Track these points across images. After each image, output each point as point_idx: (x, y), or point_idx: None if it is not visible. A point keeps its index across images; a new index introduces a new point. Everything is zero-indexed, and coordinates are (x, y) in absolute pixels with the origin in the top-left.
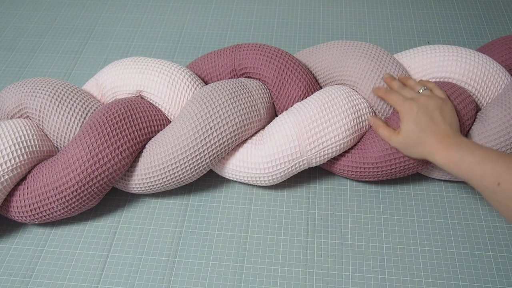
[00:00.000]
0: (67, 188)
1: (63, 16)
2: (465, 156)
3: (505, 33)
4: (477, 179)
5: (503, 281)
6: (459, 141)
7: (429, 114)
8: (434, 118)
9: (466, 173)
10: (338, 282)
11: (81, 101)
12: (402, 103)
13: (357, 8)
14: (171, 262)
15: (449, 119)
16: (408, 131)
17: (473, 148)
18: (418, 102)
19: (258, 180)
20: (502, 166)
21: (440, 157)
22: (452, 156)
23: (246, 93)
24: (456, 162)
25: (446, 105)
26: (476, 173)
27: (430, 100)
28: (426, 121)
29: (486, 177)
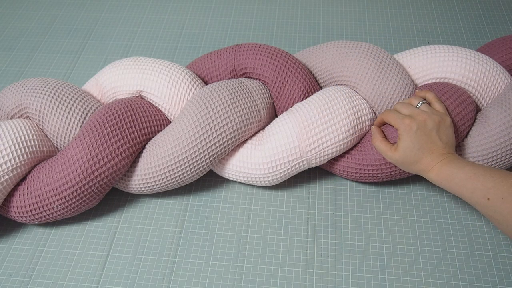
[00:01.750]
0: (67, 188)
1: (63, 16)
2: (455, 172)
3: (505, 33)
4: (468, 195)
5: (503, 281)
6: (451, 158)
7: (427, 133)
8: (432, 137)
9: (457, 189)
10: (338, 282)
11: (81, 101)
12: (401, 121)
13: (357, 8)
14: (171, 262)
15: (446, 137)
16: (405, 150)
17: (463, 164)
18: (416, 120)
19: (258, 180)
20: (490, 181)
21: (433, 175)
22: (444, 173)
23: (246, 93)
24: (447, 178)
25: (444, 123)
26: (466, 188)
27: (428, 118)
28: (424, 140)
29: (476, 193)
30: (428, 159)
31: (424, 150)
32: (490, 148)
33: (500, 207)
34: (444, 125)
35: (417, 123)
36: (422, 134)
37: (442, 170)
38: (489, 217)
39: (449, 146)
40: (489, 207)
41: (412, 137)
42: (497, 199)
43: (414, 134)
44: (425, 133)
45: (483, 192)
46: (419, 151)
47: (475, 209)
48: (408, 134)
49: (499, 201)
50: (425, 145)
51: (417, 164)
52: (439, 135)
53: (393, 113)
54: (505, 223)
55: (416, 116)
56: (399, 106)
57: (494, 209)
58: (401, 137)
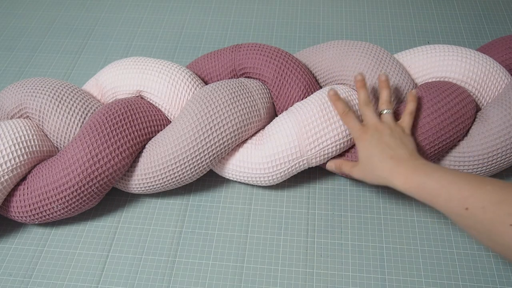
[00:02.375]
0: (67, 188)
1: (63, 16)
2: (426, 181)
3: (505, 33)
4: (443, 205)
5: (503, 281)
6: (416, 164)
7: (382, 140)
8: (388, 143)
9: (430, 199)
10: (338, 282)
11: (81, 101)
12: (356, 131)
13: (357, 8)
14: (171, 262)
15: (404, 143)
16: (362, 159)
17: (433, 171)
18: (371, 130)
19: (258, 180)
20: (467, 189)
21: (399, 182)
22: (412, 182)
23: (246, 93)
24: (417, 187)
25: (402, 133)
26: (441, 198)
27: (383, 127)
28: (379, 147)
29: (452, 202)
30: (388, 165)
31: (381, 156)
32: (490, 148)
33: (481, 217)
34: (401, 132)
35: (371, 133)
36: (377, 142)
37: (409, 178)
38: (468, 227)
39: (409, 152)
40: (468, 218)
41: (366, 146)
42: (477, 208)
43: (369, 143)
44: (381, 141)
45: (460, 201)
46: (375, 157)
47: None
48: (363, 143)
49: (479, 210)
50: (381, 152)
51: (378, 172)
52: (396, 142)
53: (352, 120)
54: (487, 233)
55: (372, 126)
56: (362, 110)
57: (474, 220)
58: (358, 148)
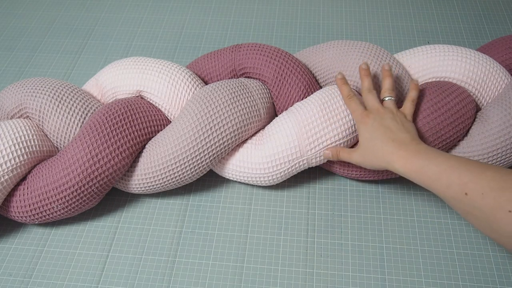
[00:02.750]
0: (67, 188)
1: (63, 16)
2: (426, 165)
3: (505, 33)
4: (442, 189)
5: (503, 281)
6: (418, 148)
7: (384, 124)
8: (390, 127)
9: (429, 183)
10: (338, 282)
11: (81, 101)
12: (359, 114)
13: (357, 8)
14: (171, 262)
15: (405, 128)
16: (363, 142)
17: (435, 156)
18: (373, 114)
19: (258, 180)
20: (467, 175)
21: (399, 165)
22: (413, 165)
23: (246, 93)
24: (418, 171)
25: (401, 117)
26: (441, 182)
27: (385, 112)
28: (381, 130)
29: (452, 187)
30: (390, 148)
31: (383, 139)
32: (490, 147)
33: (480, 203)
34: (403, 118)
35: (373, 116)
36: (379, 125)
37: (409, 161)
38: (465, 212)
39: (411, 136)
40: (467, 203)
41: (368, 129)
42: (476, 194)
43: (370, 126)
44: (382, 124)
45: (460, 187)
46: (377, 140)
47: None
48: (364, 126)
49: (478, 196)
50: (382, 135)
51: (379, 155)
52: (398, 126)
53: (354, 103)
54: (485, 219)
55: (374, 110)
56: (365, 96)
57: (473, 205)
58: (359, 131)
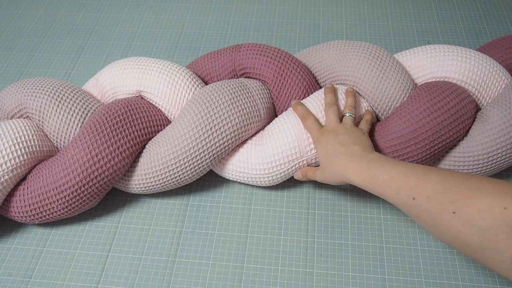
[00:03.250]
0: (67, 188)
1: (63, 16)
2: (377, 174)
3: (505, 33)
4: (392, 196)
5: (503, 281)
6: (369, 158)
7: (337, 140)
8: (343, 142)
9: (381, 190)
10: (338, 282)
11: (81, 101)
12: (314, 133)
13: (357, 8)
14: (171, 262)
15: (357, 140)
16: (321, 160)
17: (384, 164)
18: (327, 132)
19: (258, 180)
20: (414, 180)
21: (353, 177)
22: (365, 175)
23: (246, 93)
24: (369, 180)
25: (354, 130)
26: (390, 189)
27: (340, 128)
28: (335, 146)
29: (400, 193)
30: (343, 162)
31: (337, 154)
32: (490, 147)
33: (426, 206)
34: (357, 132)
35: (327, 134)
36: (333, 142)
37: (362, 172)
38: (416, 217)
39: (364, 147)
40: (415, 207)
41: (323, 146)
42: (423, 198)
43: (325, 144)
44: (336, 140)
45: (407, 192)
46: (333, 156)
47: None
48: (319, 143)
49: (424, 200)
50: (337, 149)
51: (336, 170)
52: (351, 139)
53: (309, 122)
54: (432, 222)
55: (330, 127)
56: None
57: (420, 209)
58: (316, 149)
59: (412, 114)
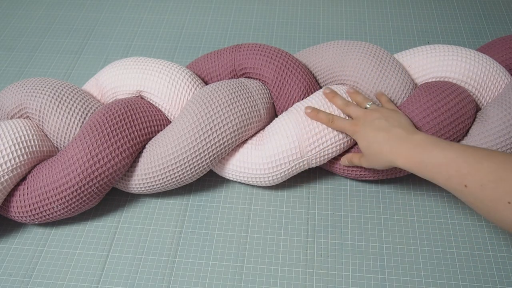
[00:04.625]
0: (67, 188)
1: (63, 16)
2: (425, 159)
3: (505, 33)
4: (443, 181)
5: (503, 281)
6: (414, 141)
7: (374, 126)
8: (381, 127)
9: (431, 176)
10: (338, 282)
11: (81, 101)
12: (348, 128)
13: (357, 8)
14: (171, 262)
15: (396, 121)
16: (363, 149)
17: (432, 147)
18: (360, 120)
19: (258, 180)
20: (465, 167)
21: (401, 161)
22: (412, 161)
23: (246, 93)
24: (418, 165)
25: (389, 111)
26: (441, 175)
27: (371, 114)
28: (374, 133)
29: (452, 180)
30: (387, 148)
31: (379, 141)
32: (490, 147)
33: (480, 194)
34: (391, 112)
35: (362, 122)
36: (370, 130)
37: (408, 157)
38: (470, 203)
39: (404, 129)
40: (468, 194)
41: (362, 136)
42: (476, 186)
43: (363, 133)
44: (373, 127)
45: (459, 179)
46: (376, 143)
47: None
48: (358, 135)
49: (477, 188)
50: (377, 137)
51: (381, 157)
52: (389, 122)
53: (339, 122)
54: (487, 209)
55: (360, 116)
56: (346, 111)
57: (474, 196)
58: (357, 141)
59: (412, 114)
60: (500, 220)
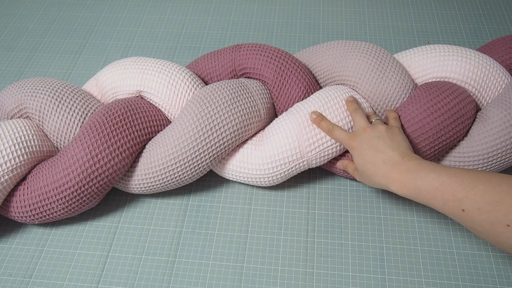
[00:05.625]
0: (67, 188)
1: (63, 16)
2: (420, 185)
3: (505, 33)
4: (440, 206)
5: (503, 281)
6: (408, 167)
7: (372, 145)
8: (378, 147)
9: (427, 201)
10: (338, 282)
11: (81, 101)
12: (346, 141)
13: (357, 8)
14: (171, 262)
15: (395, 143)
16: (358, 166)
17: (426, 172)
18: (359, 136)
19: (258, 181)
20: (460, 191)
21: (396, 187)
22: (407, 187)
23: (246, 93)
24: (413, 191)
25: (391, 130)
26: (436, 200)
27: (372, 130)
28: (370, 153)
29: (448, 204)
30: (382, 171)
31: (375, 162)
32: (490, 148)
33: (478, 218)
34: (392, 132)
35: (360, 138)
36: (368, 147)
37: (403, 183)
38: (469, 227)
39: (402, 152)
40: (466, 219)
41: (359, 153)
42: (473, 210)
43: (359, 149)
44: (371, 146)
45: (455, 203)
46: (370, 164)
47: None
48: (355, 151)
49: (475, 212)
50: (374, 157)
51: (374, 178)
52: (387, 143)
53: (338, 131)
54: (486, 233)
55: (360, 130)
56: (352, 116)
57: (471, 220)
58: (352, 156)
59: (412, 115)
60: (501, 243)
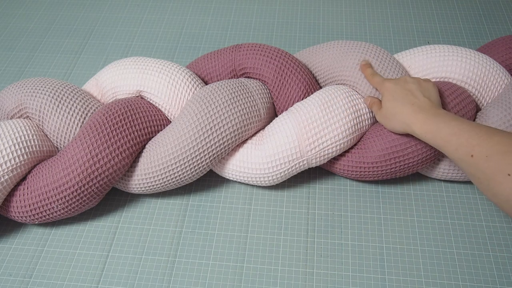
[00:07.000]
0: (67, 188)
1: (63, 16)
2: (441, 127)
3: (505, 33)
4: (452, 150)
5: (503, 281)
6: (436, 113)
7: (406, 87)
8: (412, 91)
9: (441, 144)
10: (338, 282)
11: (81, 101)
12: (383, 83)
13: (357, 8)
14: (171, 262)
15: (428, 93)
16: (385, 103)
17: (450, 119)
18: (396, 80)
19: (258, 180)
20: (475, 138)
21: (417, 127)
22: (428, 127)
23: (246, 93)
24: (433, 132)
25: (426, 82)
26: (451, 144)
27: (407, 77)
28: (403, 93)
29: (460, 149)
30: (409, 110)
31: (404, 101)
32: None
33: (483, 165)
34: (427, 84)
35: (396, 81)
36: (402, 89)
37: (426, 123)
38: (471, 175)
39: (432, 102)
40: (472, 165)
41: (391, 93)
42: (481, 157)
43: (393, 90)
44: (405, 88)
45: (467, 149)
46: (398, 102)
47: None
48: (388, 91)
49: (482, 159)
50: (404, 98)
51: (400, 116)
52: (420, 90)
53: (378, 77)
54: (487, 182)
55: (398, 78)
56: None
57: (476, 167)
58: (383, 96)
59: None
60: (497, 194)
